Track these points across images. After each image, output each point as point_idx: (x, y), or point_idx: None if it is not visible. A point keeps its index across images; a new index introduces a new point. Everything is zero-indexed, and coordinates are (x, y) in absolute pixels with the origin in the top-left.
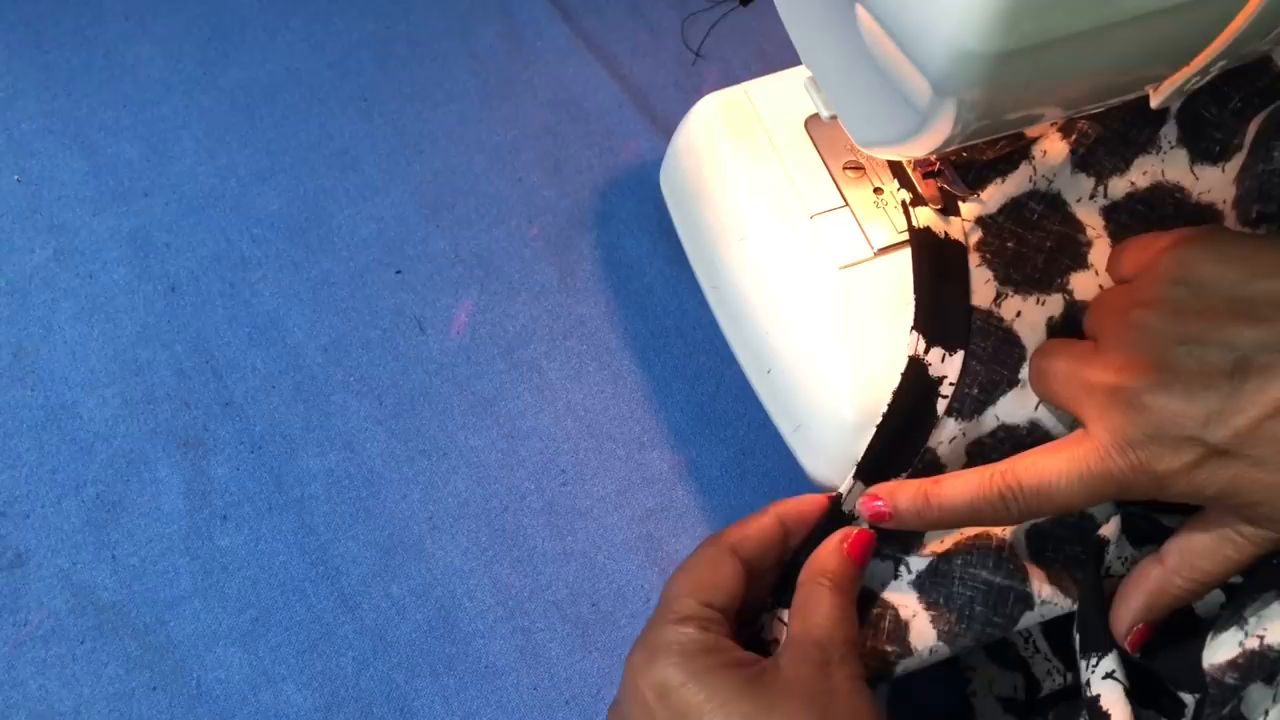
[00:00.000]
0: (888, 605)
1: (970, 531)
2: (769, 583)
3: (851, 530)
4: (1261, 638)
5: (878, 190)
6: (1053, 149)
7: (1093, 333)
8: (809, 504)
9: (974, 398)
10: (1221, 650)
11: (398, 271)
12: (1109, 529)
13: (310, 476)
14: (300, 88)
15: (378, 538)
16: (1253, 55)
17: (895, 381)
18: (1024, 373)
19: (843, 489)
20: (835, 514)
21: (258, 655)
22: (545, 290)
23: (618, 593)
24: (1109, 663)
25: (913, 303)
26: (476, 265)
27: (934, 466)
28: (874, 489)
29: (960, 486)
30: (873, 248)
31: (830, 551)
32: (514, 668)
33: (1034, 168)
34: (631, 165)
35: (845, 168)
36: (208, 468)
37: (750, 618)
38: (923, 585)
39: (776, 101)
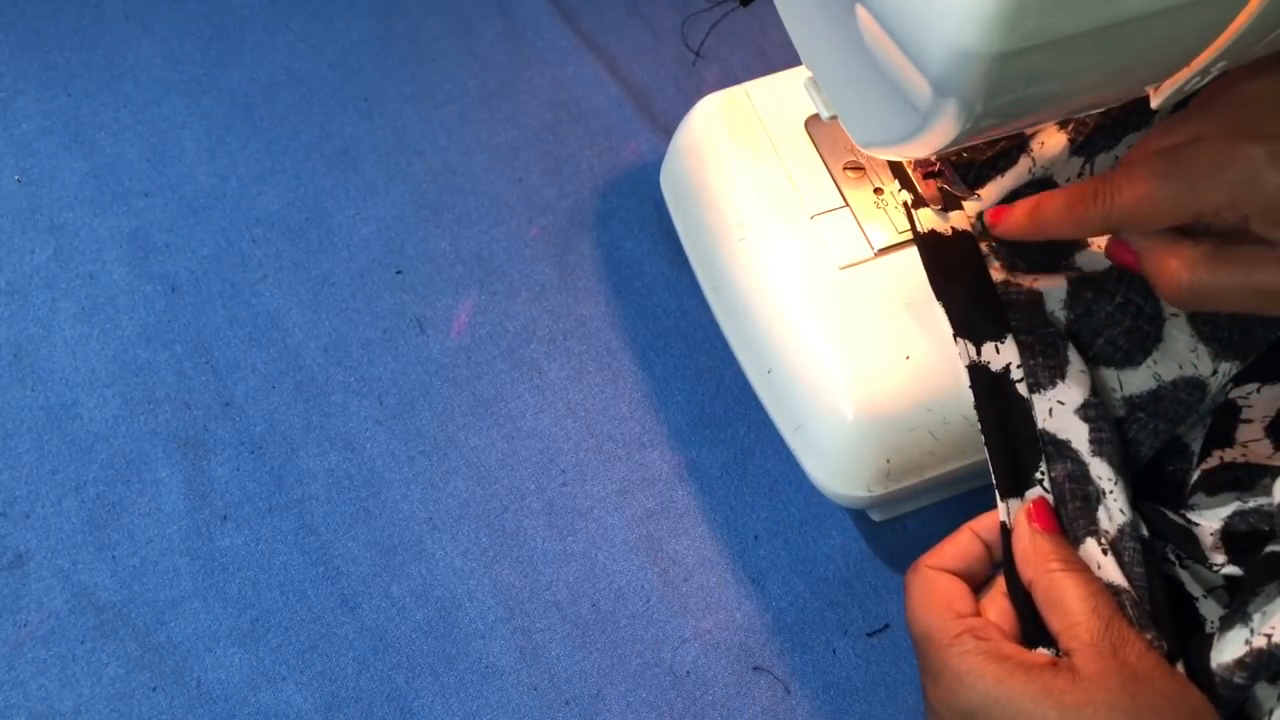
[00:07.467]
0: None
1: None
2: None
3: (1026, 508)
4: (1269, 636)
5: (878, 190)
6: (1051, 140)
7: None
8: (994, 516)
9: (1044, 366)
10: (1229, 649)
11: (398, 271)
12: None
13: (310, 476)
14: (300, 88)
15: (378, 538)
16: (1253, 57)
17: (896, 381)
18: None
19: (1001, 515)
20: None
21: (258, 655)
22: (545, 290)
23: (618, 593)
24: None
25: (912, 303)
26: (476, 265)
27: (1055, 444)
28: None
29: (1060, 191)
30: (873, 248)
31: (1029, 539)
32: (514, 668)
33: (1033, 159)
34: (631, 165)
35: (845, 168)
36: (208, 468)
37: None
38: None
39: (776, 101)
